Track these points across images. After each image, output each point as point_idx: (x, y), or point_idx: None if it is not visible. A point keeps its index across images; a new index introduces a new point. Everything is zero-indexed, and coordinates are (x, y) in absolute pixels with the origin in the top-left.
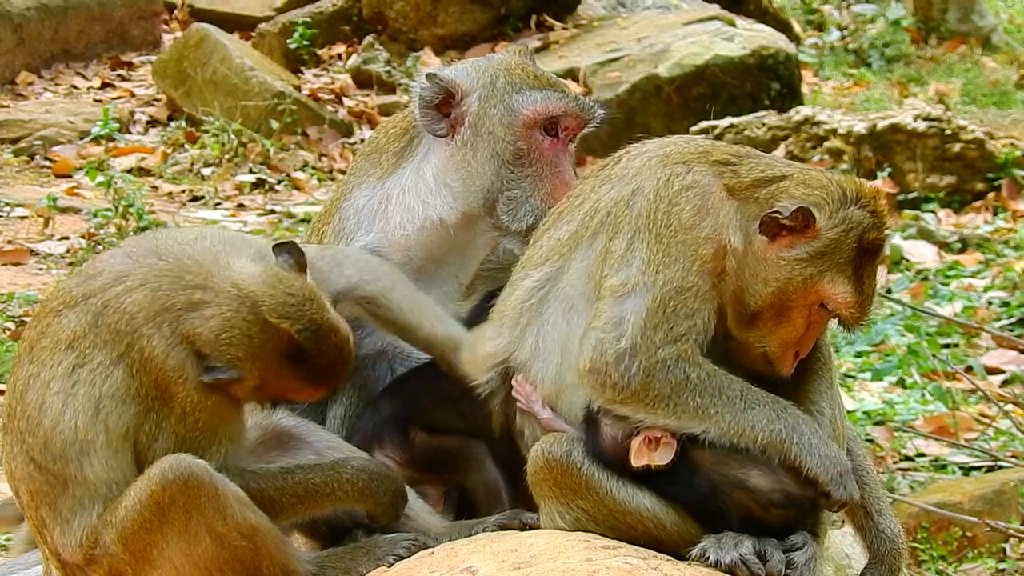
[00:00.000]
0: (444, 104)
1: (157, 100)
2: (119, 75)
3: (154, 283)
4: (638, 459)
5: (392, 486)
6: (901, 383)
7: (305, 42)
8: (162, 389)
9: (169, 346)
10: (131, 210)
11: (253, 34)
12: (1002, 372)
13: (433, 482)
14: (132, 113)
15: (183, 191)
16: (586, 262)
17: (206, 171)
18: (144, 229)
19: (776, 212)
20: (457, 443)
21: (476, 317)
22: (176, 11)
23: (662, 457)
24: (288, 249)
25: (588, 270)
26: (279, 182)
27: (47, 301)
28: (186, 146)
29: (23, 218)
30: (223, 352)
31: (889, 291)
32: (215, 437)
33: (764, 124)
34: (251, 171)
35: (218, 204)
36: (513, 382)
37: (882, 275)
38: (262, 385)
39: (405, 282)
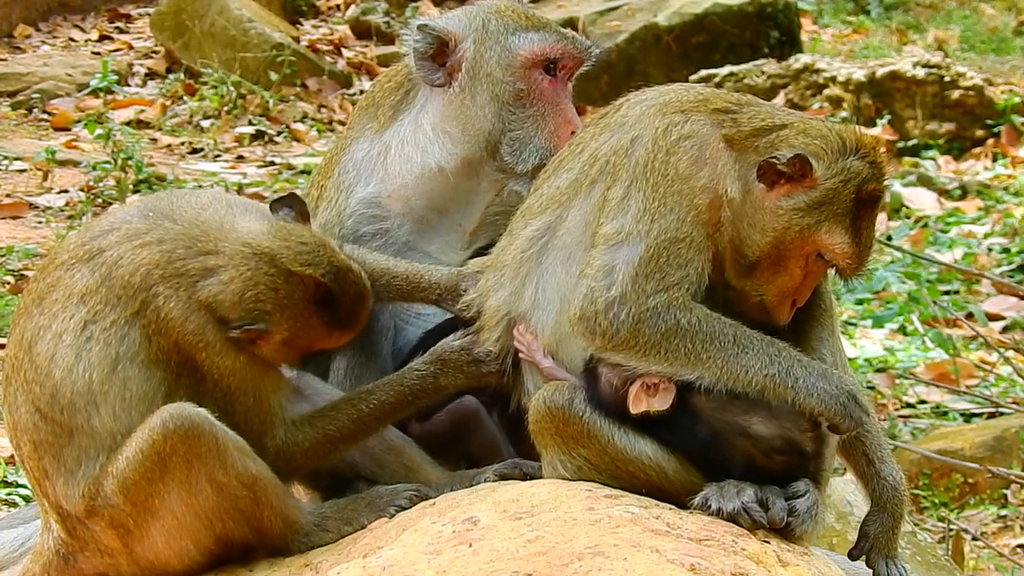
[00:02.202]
0: (439, 54)
1: (155, 52)
2: (117, 27)
3: (169, 245)
4: (636, 405)
5: (460, 364)
6: (902, 330)
7: None
8: (185, 355)
9: (187, 310)
10: (130, 163)
11: None
12: (1003, 318)
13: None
14: (130, 65)
15: (182, 143)
16: (584, 210)
17: (205, 123)
18: (143, 182)
19: (774, 158)
20: (451, 419)
21: None
22: None
23: (661, 403)
24: (289, 202)
25: (586, 219)
26: (278, 134)
27: (56, 253)
28: (185, 98)
29: (22, 171)
30: (250, 310)
31: (889, 238)
32: (259, 396)
33: (763, 72)
34: (250, 123)
35: (217, 156)
36: (515, 332)
37: (882, 222)
38: (290, 337)
39: (377, 252)
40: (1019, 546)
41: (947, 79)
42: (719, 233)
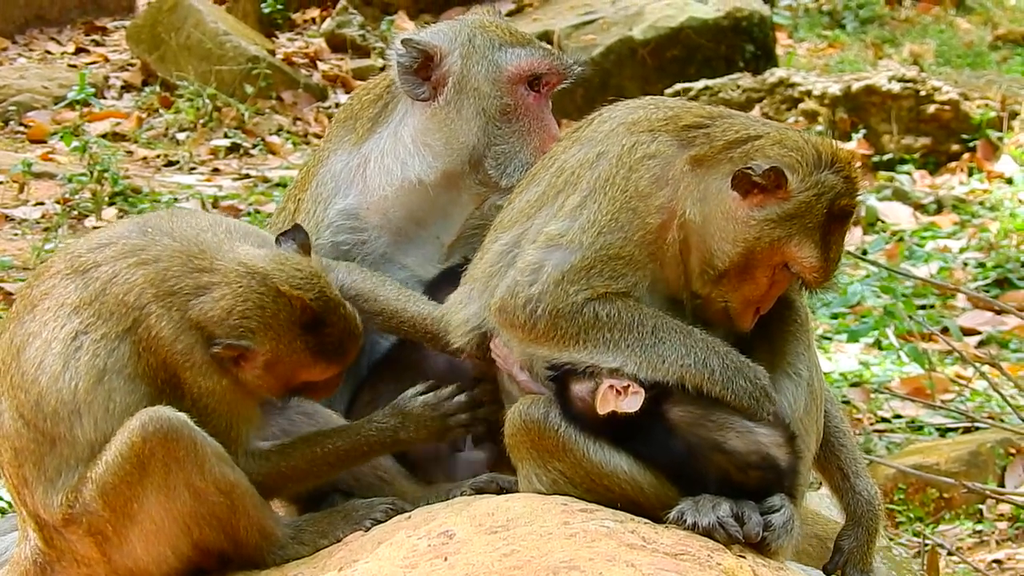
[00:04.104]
0: (423, 68)
1: (131, 65)
2: (93, 40)
3: (165, 263)
4: (603, 406)
5: (423, 420)
6: (877, 344)
7: (279, 6)
8: (171, 373)
9: (178, 330)
10: (106, 175)
11: None
12: (978, 333)
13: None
14: (107, 78)
15: (158, 156)
16: (546, 219)
17: (181, 136)
18: (119, 194)
19: (749, 168)
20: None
21: (439, 283)
22: None
23: (629, 405)
24: (292, 234)
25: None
26: (254, 146)
27: (52, 262)
28: (161, 111)
29: None
30: (235, 326)
31: (865, 252)
32: (230, 422)
33: (739, 86)
34: (226, 135)
35: (193, 169)
36: (491, 345)
37: (857, 236)
38: (273, 360)
39: (390, 281)
40: (995, 561)
41: (923, 93)
42: (662, 251)
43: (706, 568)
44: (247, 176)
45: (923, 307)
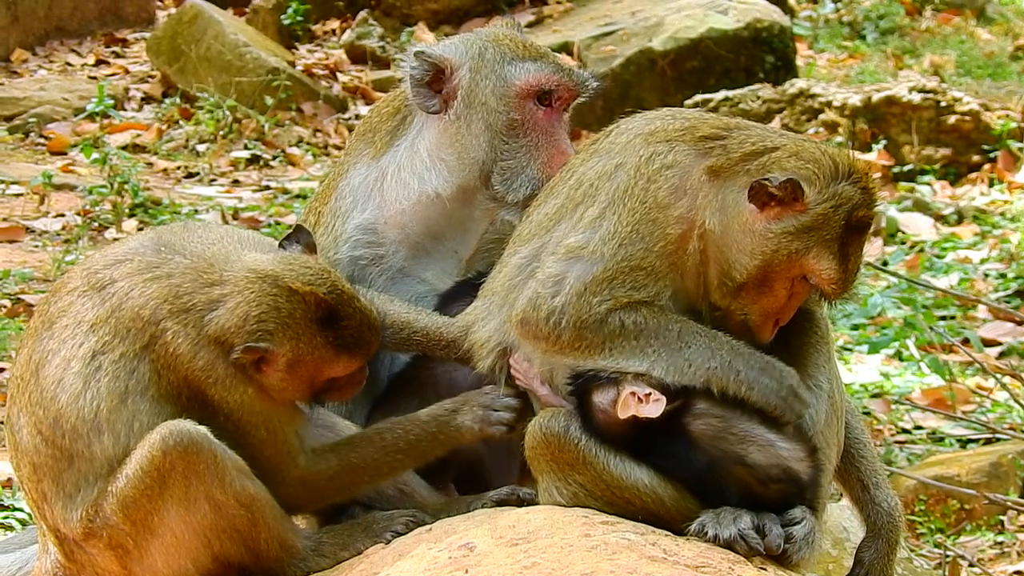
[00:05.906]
0: (435, 81)
1: (151, 77)
2: (113, 52)
3: (178, 279)
4: (624, 410)
5: (475, 409)
6: (898, 356)
7: (299, 18)
8: (195, 390)
9: (196, 346)
10: (126, 187)
11: (247, 10)
12: (999, 344)
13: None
14: (127, 90)
15: (178, 167)
16: (565, 231)
17: (201, 147)
18: (139, 206)
19: (766, 180)
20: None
21: (453, 296)
22: None
23: (650, 411)
24: (296, 236)
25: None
26: (274, 158)
27: (68, 278)
28: (181, 122)
29: (18, 195)
30: (253, 331)
31: (885, 263)
32: (271, 428)
33: (759, 97)
34: (246, 147)
35: (213, 180)
36: (511, 361)
37: (878, 247)
38: (295, 359)
39: (398, 300)
40: (1016, 572)
41: (943, 104)
42: (683, 261)
43: None
44: (267, 188)
45: (944, 318)
